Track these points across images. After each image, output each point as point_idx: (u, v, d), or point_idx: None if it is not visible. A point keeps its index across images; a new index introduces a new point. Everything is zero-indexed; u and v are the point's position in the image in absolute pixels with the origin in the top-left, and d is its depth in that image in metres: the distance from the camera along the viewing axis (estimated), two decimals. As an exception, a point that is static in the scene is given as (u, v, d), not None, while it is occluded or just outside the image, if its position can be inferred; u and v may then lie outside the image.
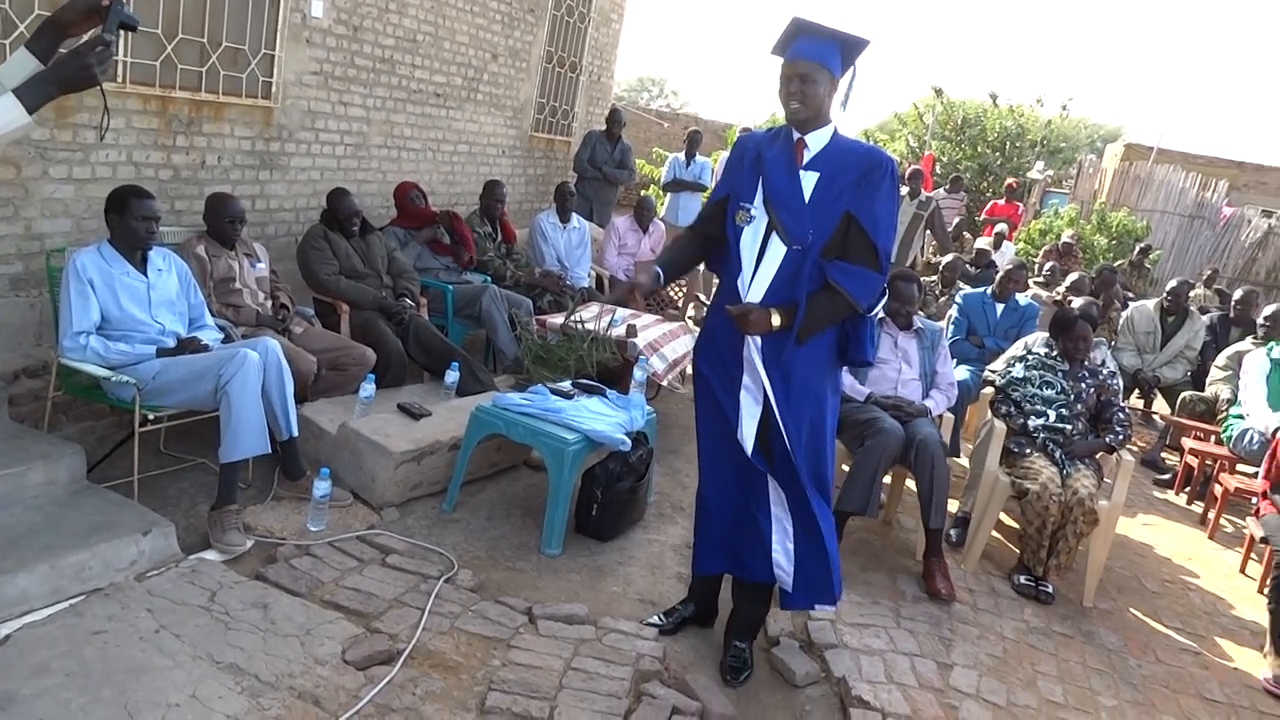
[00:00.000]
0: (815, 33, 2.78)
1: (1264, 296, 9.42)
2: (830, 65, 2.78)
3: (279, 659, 2.68)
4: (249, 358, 3.47)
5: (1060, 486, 4.19)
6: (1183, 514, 5.96)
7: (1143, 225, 13.17)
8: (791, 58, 2.79)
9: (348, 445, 4.01)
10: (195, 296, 3.89)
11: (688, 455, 4.99)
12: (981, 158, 16.51)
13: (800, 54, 2.77)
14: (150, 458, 3.86)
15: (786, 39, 2.81)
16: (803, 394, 2.91)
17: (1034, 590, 4.19)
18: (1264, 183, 17.88)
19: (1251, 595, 4.73)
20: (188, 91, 4.72)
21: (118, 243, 3.58)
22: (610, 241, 7.47)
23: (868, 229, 2.81)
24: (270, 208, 5.51)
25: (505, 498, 4.26)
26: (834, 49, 2.79)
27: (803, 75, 2.77)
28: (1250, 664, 3.99)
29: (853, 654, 3.38)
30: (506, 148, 8.15)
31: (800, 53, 2.78)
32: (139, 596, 2.87)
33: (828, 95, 2.83)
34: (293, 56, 5.36)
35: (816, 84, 2.78)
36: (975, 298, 6.30)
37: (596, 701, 2.78)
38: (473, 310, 5.59)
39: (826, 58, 2.78)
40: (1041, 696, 3.40)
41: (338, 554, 3.45)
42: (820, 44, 2.77)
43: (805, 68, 2.77)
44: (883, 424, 4.12)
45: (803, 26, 2.79)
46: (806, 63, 2.77)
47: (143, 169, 4.53)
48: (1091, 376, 4.56)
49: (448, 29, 6.82)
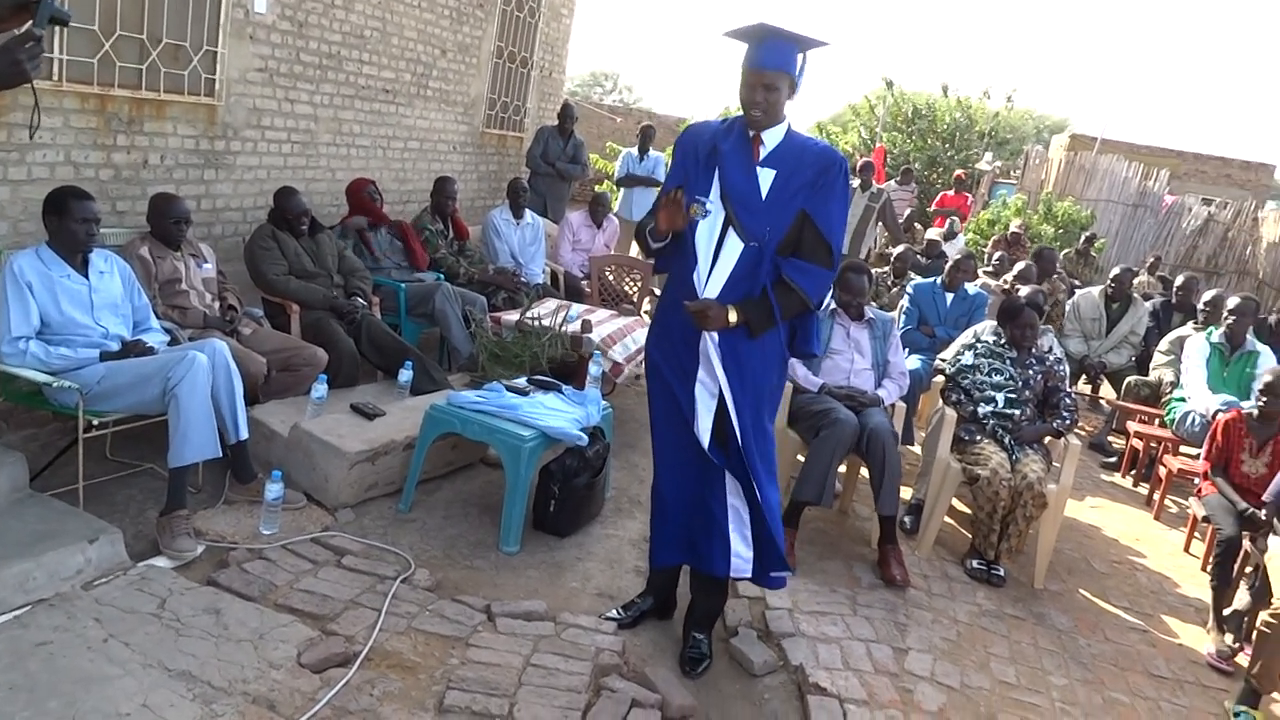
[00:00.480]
0: (780, 38, 2.80)
1: (1204, 282, 9.64)
2: (792, 70, 2.84)
3: (232, 665, 2.65)
4: (197, 360, 3.41)
5: (1010, 472, 4.26)
6: (1129, 496, 6.09)
7: (1088, 214, 13.41)
8: (757, 66, 2.81)
9: (300, 447, 3.96)
10: (139, 299, 3.82)
11: (644, 450, 5.00)
12: (931, 149, 16.71)
13: (766, 63, 2.80)
14: (96, 464, 3.78)
15: (753, 43, 2.83)
16: (755, 386, 2.95)
17: (986, 574, 4.26)
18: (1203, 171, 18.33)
19: (1195, 573, 4.85)
20: (127, 89, 4.63)
21: (57, 245, 3.50)
22: (564, 237, 7.46)
23: (822, 228, 2.86)
24: (216, 207, 5.42)
25: (462, 496, 4.24)
26: (793, 51, 2.83)
27: (768, 84, 2.81)
28: (1195, 640, 4.09)
29: (810, 642, 3.41)
30: (458, 144, 8.09)
31: (766, 62, 2.80)
32: (86, 606, 2.82)
33: (787, 98, 2.88)
34: (236, 53, 5.28)
35: (780, 91, 2.83)
36: (926, 288, 6.38)
37: (556, 697, 2.78)
38: (426, 308, 5.55)
39: (789, 64, 2.82)
40: (994, 678, 3.46)
41: (292, 557, 3.40)
42: (784, 50, 2.81)
43: (770, 77, 2.80)
44: (837, 414, 4.16)
45: (769, 32, 2.80)
46: (772, 72, 2.80)
47: (82, 169, 4.44)
48: (1039, 363, 4.65)
49: (395, 24, 6.76)
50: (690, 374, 2.98)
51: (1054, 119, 36.53)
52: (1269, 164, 18.88)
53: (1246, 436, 4.55)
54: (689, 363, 2.98)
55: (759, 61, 2.81)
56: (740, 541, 3.06)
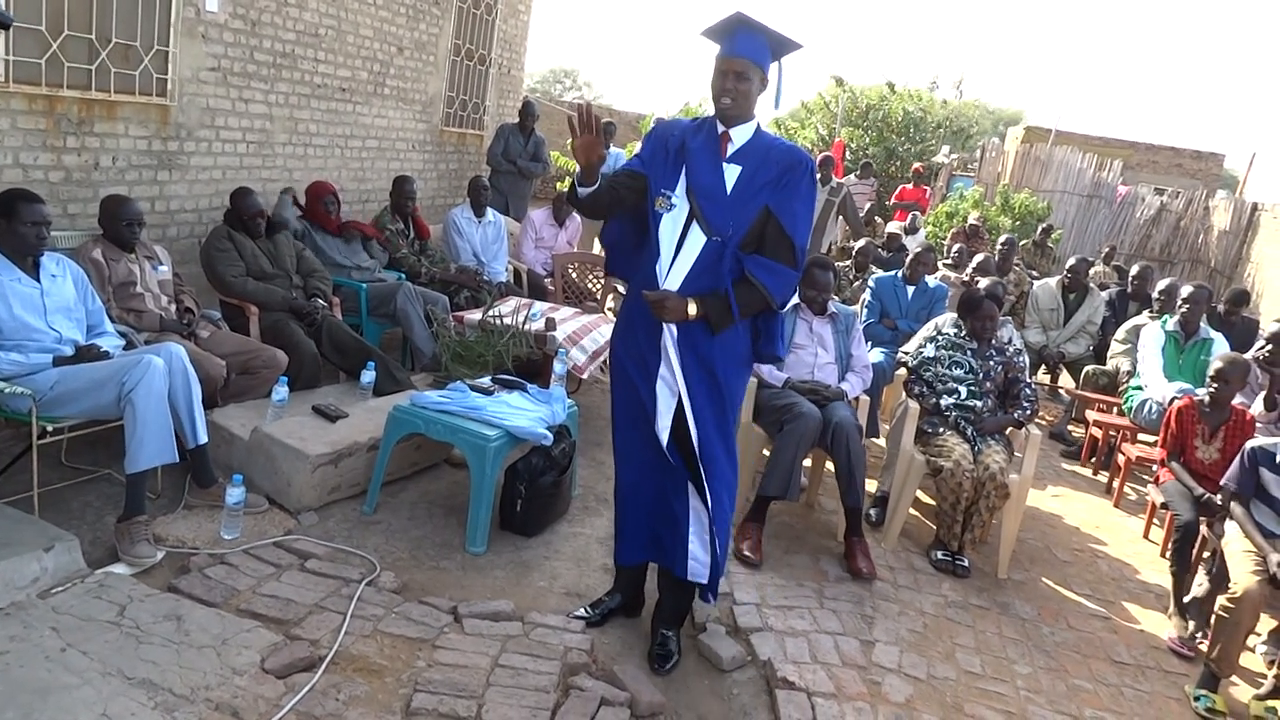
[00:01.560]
0: (754, 29, 2.82)
1: (1158, 271, 9.81)
2: (763, 64, 2.86)
3: (194, 671, 2.61)
4: (153, 364, 3.35)
5: (972, 463, 4.31)
6: (1089, 484, 6.17)
7: (1044, 205, 13.60)
8: (729, 54, 2.83)
9: (261, 450, 3.91)
10: (93, 302, 3.75)
11: (610, 447, 4.97)
12: (888, 143, 16.84)
13: (738, 51, 2.82)
14: (51, 470, 3.71)
15: (726, 32, 2.84)
16: (716, 388, 2.95)
17: (951, 565, 4.30)
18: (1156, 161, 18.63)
19: (1155, 560, 4.93)
20: (77, 90, 4.54)
21: (5, 249, 3.42)
22: (527, 235, 7.42)
23: (786, 225, 2.87)
24: (171, 209, 5.33)
25: (427, 497, 4.20)
26: (768, 48, 2.85)
27: (739, 73, 2.82)
28: (1156, 626, 4.16)
29: (777, 636, 3.43)
30: (417, 142, 8.03)
31: (738, 50, 2.82)
32: (43, 614, 2.76)
33: (757, 92, 2.89)
34: (188, 52, 5.19)
35: (750, 81, 2.84)
36: (887, 281, 6.43)
37: (525, 697, 2.77)
38: (387, 309, 5.50)
39: (761, 56, 2.84)
40: (960, 668, 3.49)
41: (254, 561, 3.36)
42: (757, 41, 2.82)
43: (741, 65, 2.82)
44: (801, 408, 4.18)
45: (743, 22, 2.82)
46: (743, 60, 2.82)
47: (31, 171, 4.35)
48: (999, 354, 4.70)
49: (350, 22, 6.68)
50: (652, 370, 2.97)
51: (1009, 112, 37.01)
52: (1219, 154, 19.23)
53: (1199, 423, 4.63)
54: (651, 358, 2.98)
55: (730, 49, 2.82)
56: (698, 545, 3.06)
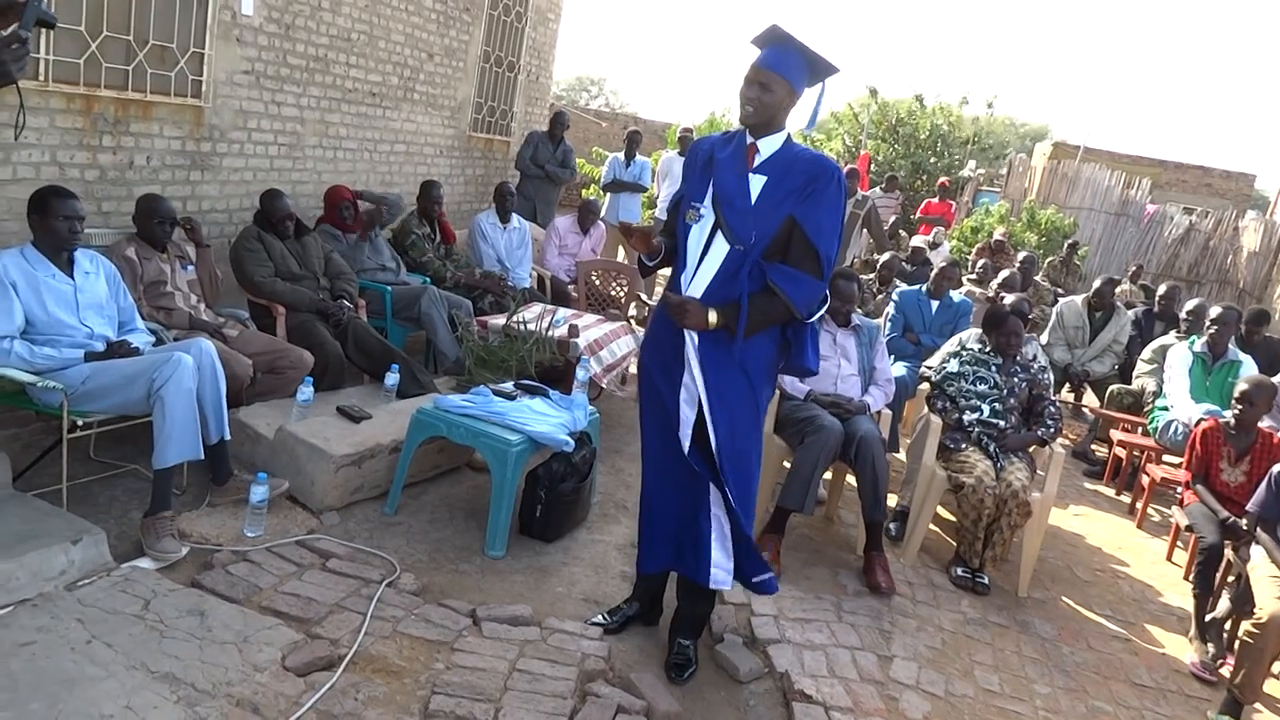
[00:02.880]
0: (787, 44, 2.83)
1: (1186, 292, 9.73)
2: (793, 79, 2.84)
3: (216, 667, 2.63)
4: (183, 361, 3.39)
5: (994, 479, 4.28)
6: (1112, 504, 6.13)
7: (1070, 222, 13.52)
8: (759, 63, 2.84)
9: (286, 449, 3.94)
10: (125, 299, 3.80)
11: (631, 455, 5.01)
12: (915, 156, 16.79)
13: (766, 63, 2.83)
14: (80, 464, 3.76)
15: (761, 42, 2.87)
16: (736, 397, 2.93)
17: (970, 582, 4.28)
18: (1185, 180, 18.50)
19: (1178, 582, 4.89)
20: (114, 90, 4.61)
21: (41, 245, 3.47)
22: (551, 242, 7.45)
23: (810, 234, 2.84)
24: (202, 209, 5.39)
25: (448, 500, 4.22)
26: (801, 65, 2.84)
27: (763, 83, 2.83)
28: (1177, 649, 4.12)
29: (795, 649, 3.42)
30: (444, 148, 8.08)
31: (767, 61, 2.83)
32: (69, 606, 2.80)
33: (783, 106, 2.88)
34: (223, 55, 5.26)
35: (773, 93, 2.83)
36: (911, 295, 6.41)
37: (542, 702, 2.78)
38: (412, 312, 5.54)
39: (791, 71, 2.83)
40: (979, 686, 3.47)
41: (276, 559, 3.39)
42: (788, 57, 2.83)
43: (767, 77, 2.82)
44: (822, 421, 4.17)
45: (777, 36, 2.83)
46: (769, 72, 2.82)
47: (67, 169, 4.41)
48: (1023, 371, 4.67)
49: (383, 28, 6.75)
50: (676, 378, 2.98)
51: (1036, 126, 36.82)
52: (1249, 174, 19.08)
53: (1224, 445, 4.59)
54: (676, 366, 2.98)
55: (762, 60, 2.84)
56: (721, 553, 3.05)
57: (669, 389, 3.00)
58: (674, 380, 2.98)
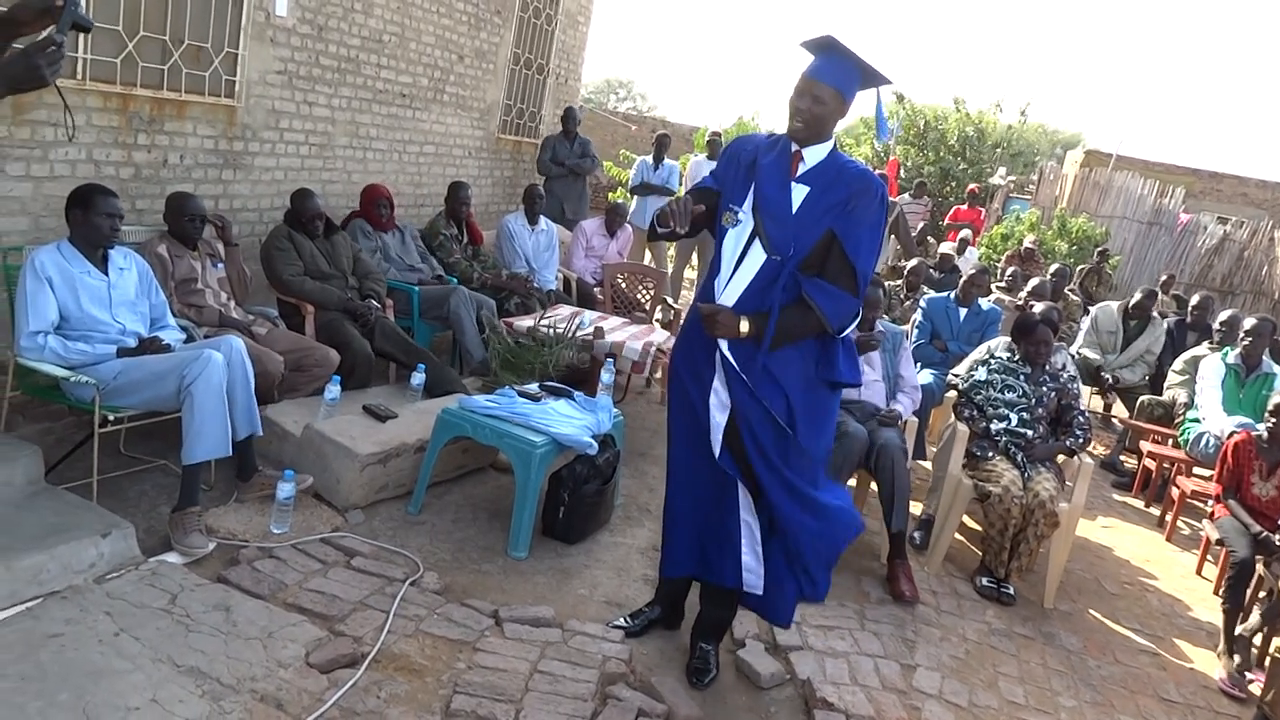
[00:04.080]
0: (842, 56, 2.78)
1: (1219, 302, 9.60)
2: (845, 90, 2.80)
3: (241, 662, 2.66)
4: (213, 358, 3.43)
5: (1022, 489, 4.24)
6: (1141, 516, 6.05)
7: (1102, 231, 13.38)
8: (811, 75, 2.79)
9: (312, 447, 3.97)
10: (156, 296, 3.84)
11: (654, 458, 5.00)
12: (944, 162, 16.69)
13: (819, 74, 2.78)
14: (110, 459, 3.80)
15: (815, 50, 2.81)
16: (770, 400, 2.89)
17: (996, 592, 4.24)
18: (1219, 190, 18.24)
19: (1207, 596, 4.82)
20: (149, 89, 4.66)
21: (78, 241, 3.52)
22: (578, 244, 7.47)
23: (849, 250, 2.80)
24: (234, 207, 5.44)
25: (471, 500, 4.24)
26: (854, 75, 2.81)
27: (816, 96, 2.78)
28: (1206, 664, 4.06)
29: (817, 656, 3.41)
30: (473, 149, 8.12)
31: (819, 73, 2.78)
32: (98, 599, 2.83)
33: (834, 117, 2.84)
34: (256, 55, 5.31)
35: (825, 105, 2.79)
36: (939, 302, 6.36)
37: (562, 704, 2.78)
38: (440, 311, 5.57)
39: (843, 82, 2.79)
40: (1003, 697, 3.44)
41: (301, 556, 3.41)
42: (841, 67, 2.79)
43: (820, 89, 2.78)
44: (846, 428, 4.15)
45: (833, 47, 2.78)
46: (822, 84, 2.77)
47: (103, 167, 4.46)
48: (1052, 380, 4.63)
49: (414, 29, 6.79)
50: (707, 382, 2.96)
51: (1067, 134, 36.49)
52: (1287, 184, 18.77)
53: (1256, 459, 4.52)
54: (706, 370, 2.97)
55: (814, 71, 2.79)
56: (751, 556, 3.04)
57: (699, 391, 2.98)
58: (704, 385, 2.96)
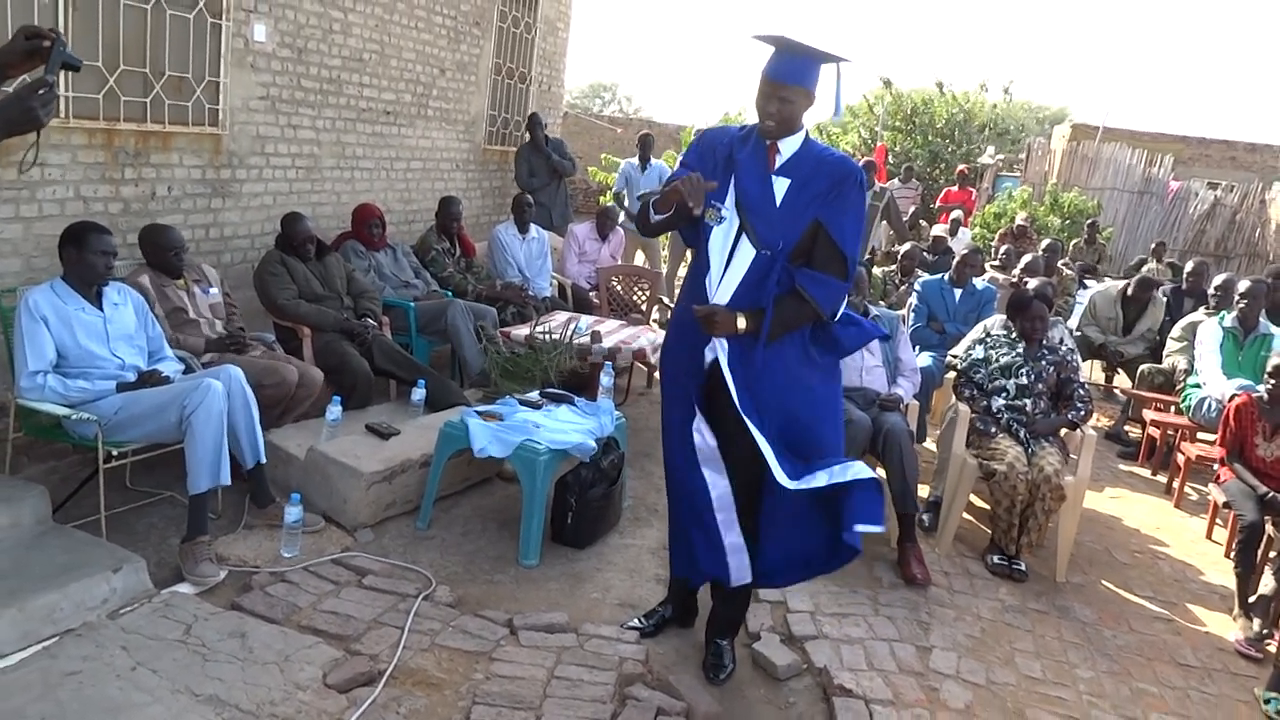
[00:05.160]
0: (795, 52, 2.80)
1: (1214, 267, 9.61)
2: (808, 84, 2.83)
3: (259, 687, 2.66)
4: (212, 387, 3.44)
5: (1027, 465, 4.25)
6: (1148, 485, 6.06)
7: (1094, 204, 13.39)
8: (773, 76, 2.81)
9: (317, 469, 3.98)
10: (153, 329, 3.85)
11: (659, 458, 4.95)
12: (932, 145, 16.71)
13: (779, 75, 2.80)
14: (117, 494, 3.81)
15: (773, 53, 2.83)
16: (773, 391, 2.90)
17: (1007, 569, 4.25)
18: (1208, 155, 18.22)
19: (1218, 560, 4.83)
20: (133, 123, 4.68)
21: (72, 279, 3.53)
22: (570, 249, 7.48)
23: (836, 238, 2.83)
24: (225, 235, 5.46)
25: (479, 511, 4.25)
26: (813, 67, 2.83)
27: (782, 96, 2.80)
28: (1221, 627, 4.07)
29: (833, 644, 3.42)
30: (461, 162, 8.13)
31: (779, 74, 2.80)
32: (113, 634, 2.84)
33: (802, 110, 2.87)
34: (238, 82, 5.33)
35: (793, 103, 2.81)
36: (934, 284, 6.38)
37: (582, 708, 2.79)
38: (438, 325, 5.57)
39: (804, 78, 2.81)
40: (1020, 673, 3.45)
41: (313, 579, 3.42)
42: (799, 63, 2.80)
43: (785, 91, 2.80)
44: (850, 415, 4.15)
45: (789, 46, 2.80)
46: (788, 86, 2.80)
47: (91, 203, 4.48)
48: (1051, 354, 4.64)
49: (394, 46, 6.80)
50: (701, 373, 2.97)
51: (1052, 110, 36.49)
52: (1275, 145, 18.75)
53: (1259, 420, 4.52)
54: (696, 374, 2.98)
55: (775, 73, 2.81)
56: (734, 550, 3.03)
57: (692, 378, 2.98)
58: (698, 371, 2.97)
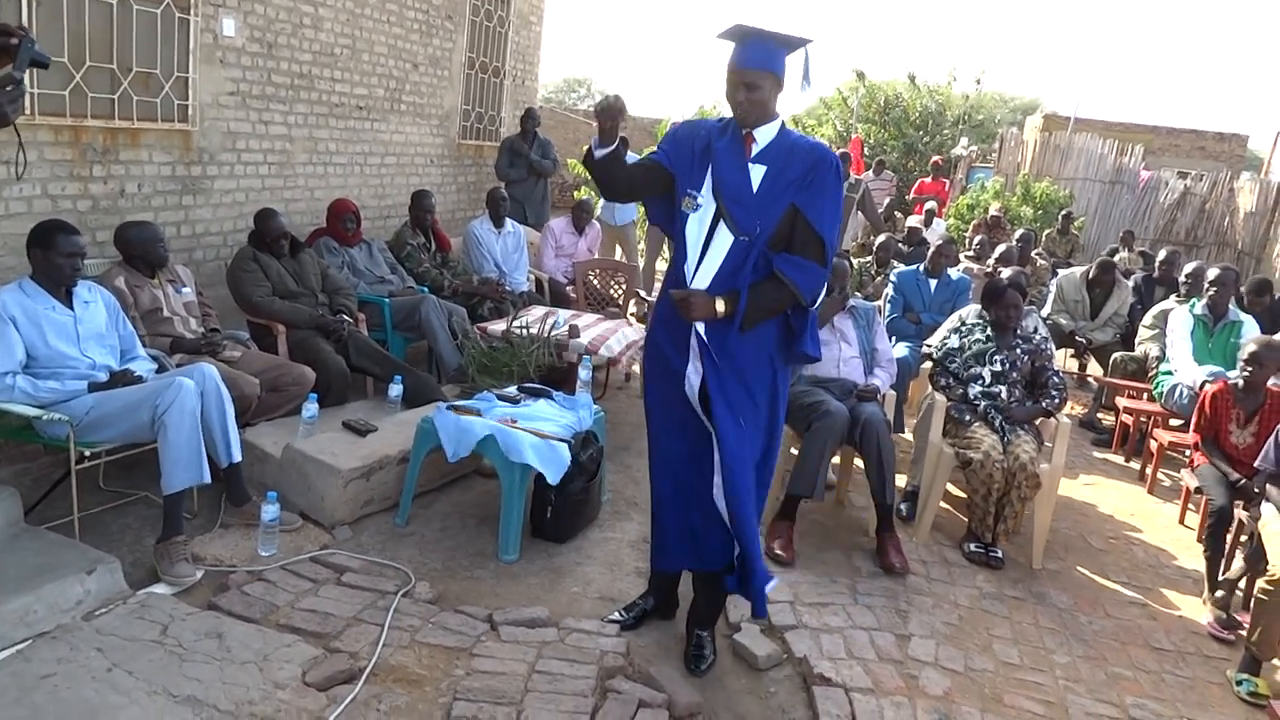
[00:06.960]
0: (757, 38, 2.81)
1: (1184, 255, 9.71)
2: (775, 69, 2.84)
3: (238, 687, 2.64)
4: (185, 386, 3.40)
5: (1002, 454, 4.28)
6: (1122, 471, 6.12)
7: (1066, 194, 13.50)
8: (738, 65, 2.82)
9: (294, 467, 3.96)
10: (125, 328, 3.81)
11: (638, 451, 5.01)
12: (906, 138, 16.78)
13: (746, 63, 2.81)
14: (90, 495, 3.77)
15: (734, 43, 2.84)
16: (740, 382, 2.93)
17: (984, 557, 4.28)
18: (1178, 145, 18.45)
19: (1191, 545, 4.88)
20: (100, 120, 4.62)
21: (41, 279, 3.49)
22: (547, 244, 7.46)
23: (813, 223, 2.86)
24: (196, 232, 5.41)
25: (459, 507, 4.23)
26: (778, 52, 2.84)
27: (749, 84, 2.81)
28: (1194, 611, 4.12)
29: (812, 633, 3.43)
30: (435, 157, 8.09)
31: (745, 61, 2.81)
32: (88, 636, 2.81)
33: (773, 96, 2.88)
34: (207, 78, 5.27)
35: (762, 90, 2.82)
36: (909, 275, 6.41)
37: (563, 702, 2.79)
38: (412, 321, 5.55)
39: (769, 62, 2.82)
40: (998, 659, 3.48)
41: (291, 577, 3.40)
42: (763, 49, 2.81)
43: (751, 76, 2.81)
44: (828, 406, 4.18)
45: (746, 33, 2.81)
46: (752, 71, 2.81)
47: (59, 201, 4.43)
48: (1025, 342, 4.67)
49: (365, 41, 6.75)
50: (685, 356, 2.98)
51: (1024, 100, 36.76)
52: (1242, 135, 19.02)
53: (1233, 407, 4.58)
54: (679, 357, 2.99)
55: (739, 61, 2.83)
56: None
57: (680, 357, 2.98)
58: (681, 373, 2.98)
